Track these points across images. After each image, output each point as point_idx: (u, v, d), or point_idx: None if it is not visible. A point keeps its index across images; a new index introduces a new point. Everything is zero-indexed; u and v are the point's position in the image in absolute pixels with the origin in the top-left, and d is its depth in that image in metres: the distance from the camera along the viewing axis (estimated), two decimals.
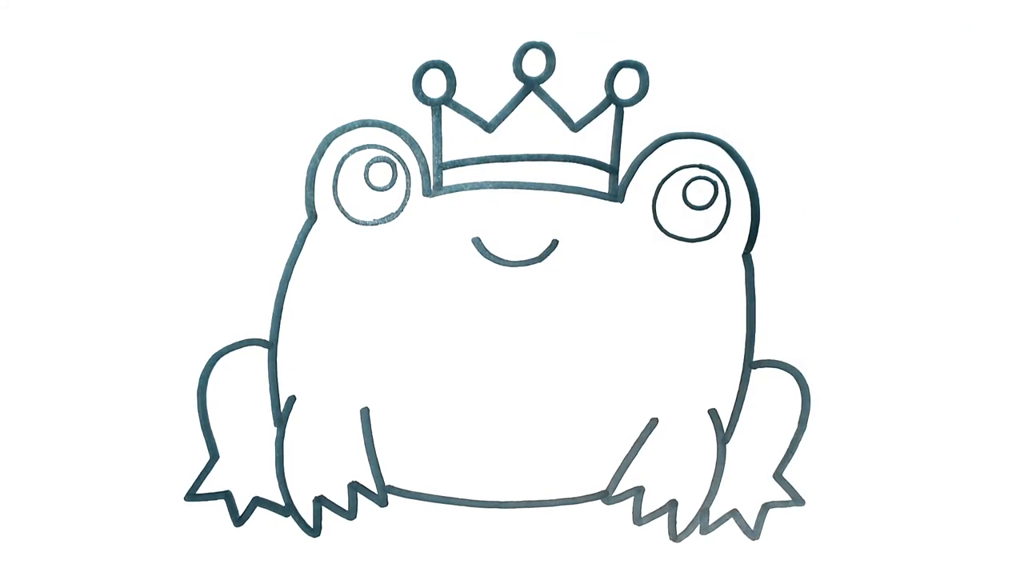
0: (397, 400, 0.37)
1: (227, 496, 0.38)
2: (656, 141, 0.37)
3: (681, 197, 0.37)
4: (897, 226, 0.38)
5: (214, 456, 0.37)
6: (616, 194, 0.37)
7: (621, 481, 0.39)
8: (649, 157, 0.37)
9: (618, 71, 0.37)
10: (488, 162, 0.37)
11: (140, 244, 0.36)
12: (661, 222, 0.37)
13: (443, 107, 0.36)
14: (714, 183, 0.37)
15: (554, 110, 0.37)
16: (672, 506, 0.39)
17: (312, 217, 0.37)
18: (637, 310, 0.38)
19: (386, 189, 0.37)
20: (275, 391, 0.37)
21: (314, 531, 0.38)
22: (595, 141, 0.37)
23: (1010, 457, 0.39)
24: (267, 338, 0.37)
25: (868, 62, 0.37)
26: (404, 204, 0.37)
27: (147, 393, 0.36)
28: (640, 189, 0.37)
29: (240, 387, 0.37)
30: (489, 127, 0.37)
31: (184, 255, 0.36)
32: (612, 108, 0.37)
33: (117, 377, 0.36)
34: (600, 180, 0.37)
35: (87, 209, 0.36)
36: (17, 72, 0.35)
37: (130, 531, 0.37)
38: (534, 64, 0.36)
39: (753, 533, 0.39)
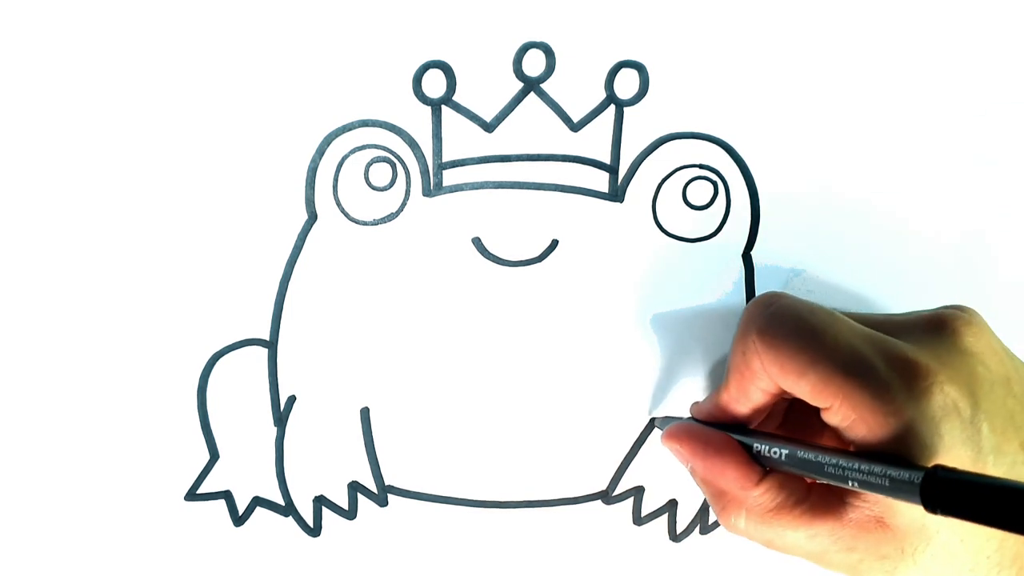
0: (397, 400, 0.37)
1: (227, 496, 0.38)
2: (656, 141, 0.37)
3: (681, 197, 0.37)
4: (898, 226, 0.38)
5: (214, 456, 0.37)
6: (616, 194, 0.37)
7: (621, 481, 0.39)
8: (649, 157, 0.37)
9: (618, 71, 0.37)
10: (488, 162, 0.37)
11: (139, 244, 0.36)
12: (661, 222, 0.37)
13: (443, 107, 0.36)
14: (714, 183, 0.37)
15: (554, 110, 0.37)
16: (672, 506, 0.39)
17: (312, 217, 0.37)
18: (637, 310, 0.38)
19: (386, 189, 0.37)
20: (275, 391, 0.37)
21: (314, 531, 0.38)
22: (595, 141, 0.37)
23: None
24: (267, 338, 0.37)
25: (870, 62, 0.37)
26: (404, 204, 0.37)
27: (147, 393, 0.36)
28: (640, 189, 0.37)
29: (240, 387, 0.37)
30: (489, 127, 0.37)
31: (184, 255, 0.36)
32: (612, 108, 0.37)
33: (117, 377, 0.36)
34: (600, 180, 0.37)
35: (86, 209, 0.36)
36: (15, 72, 0.35)
37: (130, 531, 0.37)
38: (534, 64, 0.36)
39: None
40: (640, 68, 0.37)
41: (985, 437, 0.27)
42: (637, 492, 0.39)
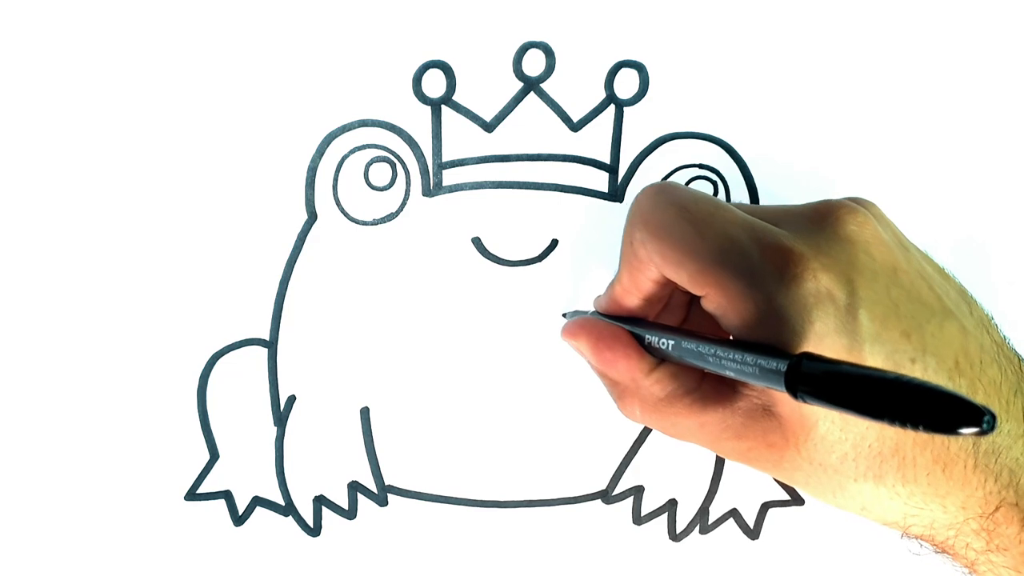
0: (397, 400, 0.37)
1: (227, 496, 0.38)
2: (656, 141, 0.37)
3: None
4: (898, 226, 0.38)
5: (214, 456, 0.37)
6: (616, 194, 0.37)
7: (621, 481, 0.39)
8: (649, 157, 0.37)
9: (618, 71, 0.37)
10: (488, 162, 0.37)
11: (139, 244, 0.36)
12: None
13: (443, 107, 0.36)
14: (714, 183, 0.37)
15: (554, 110, 0.37)
16: (672, 505, 0.39)
17: (312, 217, 0.37)
18: None
19: (386, 189, 0.37)
20: (275, 391, 0.37)
21: (314, 531, 0.38)
22: (595, 141, 0.37)
23: None
24: (267, 338, 0.37)
25: (869, 62, 0.37)
26: (404, 204, 0.37)
27: (147, 393, 0.36)
28: (640, 189, 0.37)
29: (240, 387, 0.37)
30: (489, 127, 0.37)
31: (184, 255, 0.36)
32: (612, 108, 0.37)
33: (117, 377, 0.36)
34: (600, 180, 0.37)
35: (86, 209, 0.36)
36: (15, 72, 0.35)
37: (130, 531, 0.37)
38: (534, 64, 0.36)
39: (753, 533, 0.39)
40: (640, 68, 0.37)
41: (863, 325, 0.26)
42: (637, 492, 0.39)
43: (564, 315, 0.37)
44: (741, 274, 0.27)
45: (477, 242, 0.37)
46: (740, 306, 0.27)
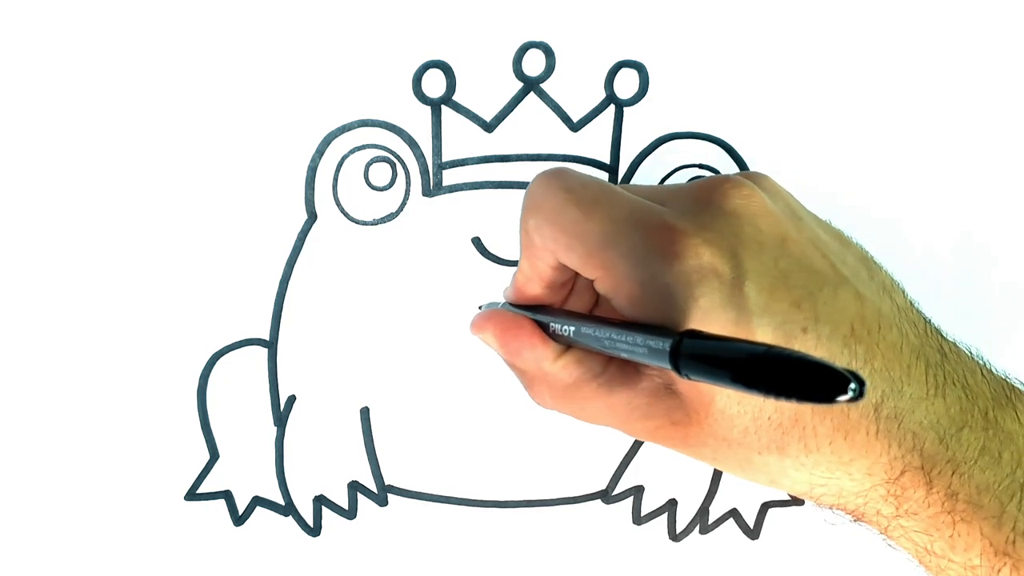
0: (397, 400, 0.37)
1: (227, 496, 0.38)
2: (656, 141, 0.37)
3: None
4: (897, 225, 0.38)
5: (214, 456, 0.37)
6: None
7: (621, 480, 0.39)
8: (649, 157, 0.37)
9: (618, 71, 0.37)
10: (488, 162, 0.37)
11: (140, 244, 0.36)
12: None
13: (443, 107, 0.36)
14: None
15: (554, 110, 0.37)
16: (672, 505, 0.39)
17: (312, 217, 0.37)
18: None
19: (386, 189, 0.37)
20: (275, 391, 0.37)
21: (314, 531, 0.38)
22: (595, 141, 0.37)
23: None
24: (267, 338, 0.37)
25: (869, 62, 0.37)
26: (404, 204, 0.37)
27: (147, 393, 0.36)
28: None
29: (240, 387, 0.37)
30: (489, 127, 0.37)
31: (184, 255, 0.36)
32: (612, 108, 0.37)
33: (117, 377, 0.36)
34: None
35: (86, 209, 0.36)
36: (15, 72, 0.35)
37: (130, 531, 0.37)
38: (534, 64, 0.36)
39: (753, 533, 0.39)
40: (640, 68, 0.37)
41: (750, 298, 0.26)
42: (637, 491, 0.39)
43: (480, 307, 0.37)
44: (625, 255, 0.27)
45: (477, 242, 0.37)
46: (627, 287, 0.27)
